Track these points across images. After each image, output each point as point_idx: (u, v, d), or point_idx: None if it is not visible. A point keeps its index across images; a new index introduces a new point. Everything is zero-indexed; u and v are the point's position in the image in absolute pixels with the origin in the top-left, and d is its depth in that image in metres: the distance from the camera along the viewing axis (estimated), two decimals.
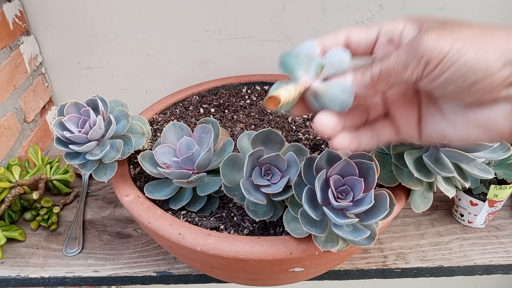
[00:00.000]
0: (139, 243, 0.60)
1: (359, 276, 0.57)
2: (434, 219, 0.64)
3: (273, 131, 0.41)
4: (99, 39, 0.76)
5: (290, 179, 0.40)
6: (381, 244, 0.60)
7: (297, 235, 0.39)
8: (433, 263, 0.57)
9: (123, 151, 0.47)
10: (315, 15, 0.73)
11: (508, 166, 0.55)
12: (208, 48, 0.77)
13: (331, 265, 0.49)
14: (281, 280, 0.47)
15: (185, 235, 0.40)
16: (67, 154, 0.47)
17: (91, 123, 0.45)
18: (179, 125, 0.47)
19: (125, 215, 0.65)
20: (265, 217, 0.42)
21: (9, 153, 0.68)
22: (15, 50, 0.70)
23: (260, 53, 0.78)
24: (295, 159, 0.40)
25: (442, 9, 0.72)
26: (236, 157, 0.43)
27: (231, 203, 0.47)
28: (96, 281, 0.55)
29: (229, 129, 0.58)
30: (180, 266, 0.56)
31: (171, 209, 0.46)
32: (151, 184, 0.47)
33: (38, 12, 0.73)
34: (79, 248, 0.58)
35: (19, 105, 0.71)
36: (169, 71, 0.80)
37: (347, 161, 0.37)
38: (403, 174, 0.43)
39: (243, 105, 0.64)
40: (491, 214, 0.60)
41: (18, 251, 0.58)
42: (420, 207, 0.45)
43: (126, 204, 0.45)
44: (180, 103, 0.65)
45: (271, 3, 0.72)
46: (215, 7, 0.72)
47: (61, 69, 0.80)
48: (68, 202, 0.67)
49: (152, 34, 0.75)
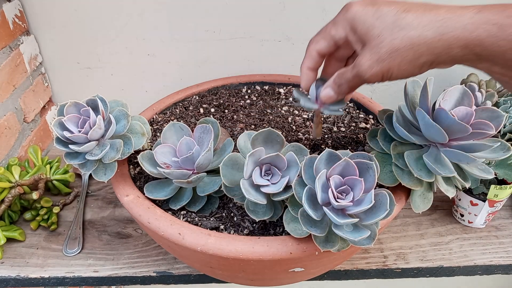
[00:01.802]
0: (139, 243, 0.59)
1: (359, 276, 0.57)
2: (434, 219, 0.64)
3: (273, 131, 0.41)
4: (99, 39, 0.76)
5: (290, 179, 0.40)
6: (381, 244, 0.60)
7: (297, 235, 0.39)
8: (433, 263, 0.57)
9: (123, 151, 0.47)
10: (315, 15, 0.73)
11: (508, 166, 0.55)
12: (208, 48, 0.77)
13: (331, 265, 0.49)
14: (281, 280, 0.47)
15: (185, 235, 0.40)
16: (67, 154, 0.47)
17: (91, 123, 0.45)
18: (179, 125, 0.47)
19: (125, 215, 0.65)
20: (265, 217, 0.42)
21: (9, 153, 0.68)
22: (15, 50, 0.70)
23: (260, 53, 0.78)
24: (295, 159, 0.40)
25: None
26: (236, 157, 0.43)
27: (231, 203, 0.47)
28: (96, 281, 0.55)
29: (229, 129, 0.58)
30: (180, 266, 0.56)
31: (171, 209, 0.46)
32: (151, 184, 0.47)
33: (38, 12, 0.73)
34: (79, 248, 0.58)
35: (19, 105, 0.71)
36: (169, 71, 0.80)
37: (347, 161, 0.37)
38: (403, 174, 0.43)
39: (243, 105, 0.64)
40: (491, 214, 0.60)
41: (18, 251, 0.58)
42: (420, 207, 0.45)
43: (126, 204, 0.45)
44: (180, 103, 0.65)
45: (271, 3, 0.72)
46: (215, 7, 0.72)
47: (61, 69, 0.80)
48: (68, 202, 0.67)
49: (152, 34, 0.75)
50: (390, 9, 0.33)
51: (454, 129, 0.39)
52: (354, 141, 0.55)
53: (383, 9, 0.34)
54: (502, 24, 0.29)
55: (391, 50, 0.33)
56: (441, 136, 0.39)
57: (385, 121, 0.46)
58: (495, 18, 0.30)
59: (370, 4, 0.35)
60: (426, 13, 0.32)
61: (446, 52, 0.32)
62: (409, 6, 0.33)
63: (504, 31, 0.29)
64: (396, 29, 0.32)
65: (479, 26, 0.30)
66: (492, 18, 0.30)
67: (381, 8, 0.34)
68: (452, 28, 0.31)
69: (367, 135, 0.47)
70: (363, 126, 0.59)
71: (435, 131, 0.39)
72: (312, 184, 0.38)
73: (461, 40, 0.31)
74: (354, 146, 0.54)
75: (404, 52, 0.33)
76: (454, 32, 0.31)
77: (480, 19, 0.30)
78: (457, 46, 0.31)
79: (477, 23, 0.30)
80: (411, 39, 0.32)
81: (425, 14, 0.32)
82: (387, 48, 0.33)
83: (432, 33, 0.31)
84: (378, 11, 0.34)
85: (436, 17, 0.32)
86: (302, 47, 0.76)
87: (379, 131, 0.46)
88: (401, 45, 0.33)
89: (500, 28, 0.29)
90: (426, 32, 0.32)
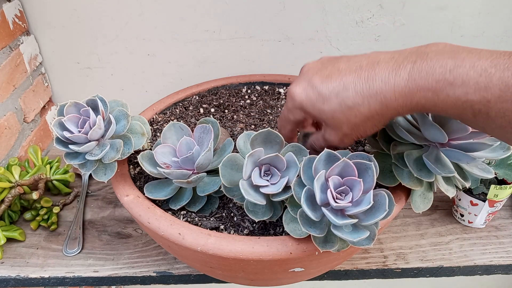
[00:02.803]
0: (139, 243, 0.60)
1: (359, 276, 0.57)
2: (434, 219, 0.64)
3: (272, 132, 0.41)
4: (99, 39, 0.76)
5: (290, 180, 0.40)
6: (381, 244, 0.60)
7: (297, 235, 0.39)
8: (433, 263, 0.57)
9: (123, 151, 0.47)
10: (315, 15, 0.73)
11: (508, 166, 0.55)
12: (208, 48, 0.77)
13: (331, 265, 0.49)
14: (281, 280, 0.47)
15: (185, 235, 0.40)
16: (67, 154, 0.47)
17: (91, 123, 0.45)
18: (179, 125, 0.47)
19: (125, 215, 0.65)
20: (265, 217, 0.42)
21: (9, 153, 0.68)
22: (15, 50, 0.70)
23: (260, 53, 0.78)
24: (295, 160, 0.40)
25: (442, 9, 0.72)
26: (235, 157, 0.43)
27: (231, 203, 0.47)
28: (96, 281, 0.55)
29: (229, 129, 0.58)
30: (180, 266, 0.56)
31: (171, 209, 0.46)
32: (151, 184, 0.47)
33: (38, 12, 0.73)
34: (79, 248, 0.58)
35: (19, 105, 0.71)
36: (169, 71, 0.80)
37: (346, 162, 0.37)
38: (403, 174, 0.43)
39: (243, 105, 0.64)
40: (491, 214, 0.60)
41: (18, 251, 0.58)
42: (420, 207, 0.45)
43: (126, 204, 0.45)
44: (180, 103, 0.65)
45: (271, 3, 0.72)
46: (215, 7, 0.72)
47: (61, 69, 0.80)
48: (68, 202, 0.67)
49: (152, 34, 0.75)
50: (329, 90, 0.35)
51: (453, 128, 0.39)
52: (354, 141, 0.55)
53: (323, 92, 0.35)
54: (435, 90, 0.30)
55: (351, 126, 0.36)
56: (440, 136, 0.39)
57: None
58: (427, 84, 0.31)
59: (310, 89, 0.36)
60: (364, 86, 0.33)
61: (398, 114, 0.34)
62: (343, 78, 0.35)
63: (439, 96, 0.30)
64: (346, 110, 0.35)
65: (415, 94, 0.31)
66: (424, 85, 0.31)
67: (321, 91, 0.35)
68: (393, 98, 0.32)
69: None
70: None
71: (435, 131, 0.39)
72: (311, 185, 0.38)
73: (405, 107, 0.33)
74: (354, 146, 0.54)
75: (364, 124, 0.35)
76: (397, 102, 0.32)
77: (414, 87, 0.31)
78: (405, 111, 0.33)
79: (413, 91, 0.31)
80: (363, 115, 0.34)
81: (364, 88, 0.33)
82: (347, 126, 0.36)
83: (379, 106, 0.33)
84: (319, 95, 0.36)
85: (375, 90, 0.33)
86: (302, 47, 0.77)
87: (379, 131, 0.46)
88: (358, 121, 0.35)
89: (434, 93, 0.30)
90: (373, 106, 0.33)
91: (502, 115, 0.28)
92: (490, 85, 0.28)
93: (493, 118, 0.29)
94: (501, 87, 0.27)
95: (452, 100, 0.30)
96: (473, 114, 0.30)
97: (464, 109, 0.30)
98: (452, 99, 0.30)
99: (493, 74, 0.28)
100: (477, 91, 0.28)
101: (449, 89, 0.30)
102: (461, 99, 0.29)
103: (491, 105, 0.28)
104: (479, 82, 0.28)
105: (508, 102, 0.27)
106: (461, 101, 0.29)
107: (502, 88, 0.27)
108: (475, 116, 0.30)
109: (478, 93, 0.28)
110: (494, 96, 0.28)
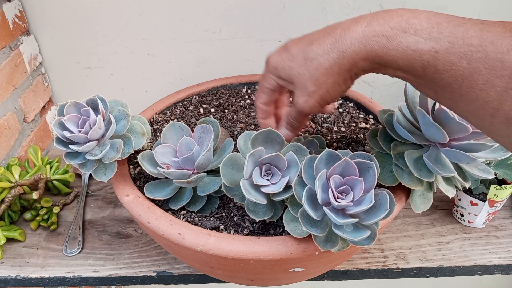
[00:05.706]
0: (139, 243, 0.59)
1: (359, 276, 0.57)
2: (434, 219, 0.64)
3: (273, 131, 0.41)
4: (99, 39, 0.76)
5: (290, 179, 0.40)
6: (381, 244, 0.60)
7: (297, 235, 0.39)
8: (433, 263, 0.57)
9: (123, 151, 0.47)
10: (315, 15, 0.73)
11: (508, 166, 0.55)
12: (208, 48, 0.77)
13: (331, 265, 0.49)
14: (281, 280, 0.47)
15: (185, 235, 0.40)
16: (67, 154, 0.47)
17: (91, 123, 0.45)
18: (179, 125, 0.47)
19: (125, 215, 0.65)
20: (265, 217, 0.42)
21: (9, 153, 0.68)
22: (15, 50, 0.70)
23: (260, 53, 0.78)
24: (295, 159, 0.40)
25: (442, 9, 0.72)
26: (236, 157, 0.43)
27: (231, 203, 0.47)
28: (96, 281, 0.55)
29: (229, 129, 0.58)
30: (180, 266, 0.56)
31: (171, 209, 0.46)
32: (151, 184, 0.47)
33: (38, 12, 0.73)
34: (79, 248, 0.58)
35: (19, 105, 0.71)
36: (169, 71, 0.80)
37: (347, 161, 0.37)
38: (403, 174, 0.43)
39: (243, 105, 0.64)
40: (491, 214, 0.60)
41: (18, 251, 0.58)
42: (420, 207, 0.45)
43: (126, 204, 0.45)
44: (180, 103, 0.65)
45: (271, 3, 0.72)
46: (215, 7, 0.72)
47: (61, 69, 0.80)
48: (68, 202, 0.67)
49: (152, 34, 0.75)
50: (298, 48, 0.37)
51: (454, 129, 0.39)
52: (354, 141, 0.55)
53: (293, 51, 0.37)
54: (389, 36, 0.31)
55: (313, 81, 0.36)
56: (441, 136, 0.39)
57: (385, 121, 0.46)
58: (382, 30, 0.32)
59: (283, 51, 0.39)
60: (326, 38, 0.35)
61: (355, 65, 0.34)
62: (311, 37, 0.37)
63: (391, 42, 0.31)
64: (309, 63, 0.36)
65: (370, 39, 0.32)
66: (380, 30, 0.32)
67: (291, 51, 0.38)
68: (349, 44, 0.33)
69: (367, 135, 0.47)
70: (363, 126, 0.59)
71: (435, 131, 0.39)
72: (312, 184, 0.38)
73: (360, 53, 0.33)
74: (354, 146, 0.54)
75: (324, 78, 0.36)
76: (352, 47, 0.33)
77: (370, 32, 0.32)
78: (360, 59, 0.34)
79: (368, 36, 0.32)
80: (322, 66, 0.35)
81: (325, 39, 0.35)
82: (310, 81, 0.36)
83: (336, 54, 0.34)
84: (289, 54, 0.38)
85: (334, 38, 0.34)
86: None
87: (379, 131, 0.46)
88: (318, 74, 0.35)
89: (388, 39, 0.32)
90: (331, 55, 0.34)
91: (449, 69, 0.29)
92: (440, 37, 0.29)
93: (440, 71, 0.30)
94: (450, 40, 0.29)
95: (403, 48, 0.31)
96: (422, 67, 0.30)
97: (413, 59, 0.31)
98: (403, 46, 0.31)
99: (445, 28, 0.29)
100: (427, 40, 0.30)
101: (401, 36, 0.31)
102: (412, 47, 0.30)
103: (439, 56, 0.29)
104: (431, 32, 0.30)
105: (455, 55, 0.28)
106: (411, 50, 0.30)
107: (451, 41, 0.29)
108: (424, 69, 0.30)
109: (428, 43, 0.30)
110: (442, 47, 0.29)
